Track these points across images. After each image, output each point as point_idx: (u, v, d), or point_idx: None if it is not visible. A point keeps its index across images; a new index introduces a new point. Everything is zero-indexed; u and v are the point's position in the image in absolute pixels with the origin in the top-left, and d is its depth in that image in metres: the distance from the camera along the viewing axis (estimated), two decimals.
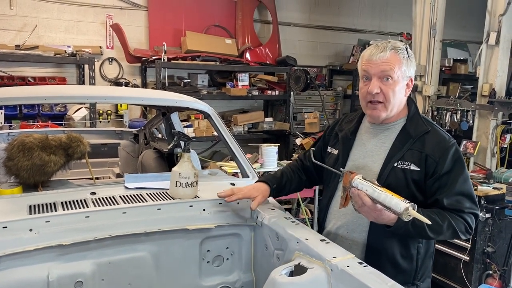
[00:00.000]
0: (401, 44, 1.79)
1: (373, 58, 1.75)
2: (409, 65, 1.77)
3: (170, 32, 6.12)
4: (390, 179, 1.75)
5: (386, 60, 1.73)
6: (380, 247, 1.78)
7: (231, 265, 2.12)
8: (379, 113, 1.79)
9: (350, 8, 7.72)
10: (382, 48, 1.75)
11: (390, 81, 1.74)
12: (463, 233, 1.71)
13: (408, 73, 1.78)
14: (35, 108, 5.14)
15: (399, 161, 1.76)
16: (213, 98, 6.00)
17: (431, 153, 1.74)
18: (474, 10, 7.74)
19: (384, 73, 1.74)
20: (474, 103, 4.68)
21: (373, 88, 1.75)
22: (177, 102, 2.55)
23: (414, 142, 1.77)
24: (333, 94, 7.23)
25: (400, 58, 1.75)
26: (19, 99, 2.48)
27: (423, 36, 5.18)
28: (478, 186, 3.58)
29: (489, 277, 3.59)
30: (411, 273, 1.80)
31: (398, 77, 1.75)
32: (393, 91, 1.75)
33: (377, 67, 1.74)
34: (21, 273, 1.69)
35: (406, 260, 1.79)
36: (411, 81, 1.82)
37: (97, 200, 1.99)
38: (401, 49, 1.76)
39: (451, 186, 1.71)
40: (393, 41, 1.82)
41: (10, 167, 2.16)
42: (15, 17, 5.34)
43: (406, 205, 1.51)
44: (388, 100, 1.76)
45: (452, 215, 1.69)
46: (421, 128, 1.79)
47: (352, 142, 1.93)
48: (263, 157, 4.31)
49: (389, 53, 1.74)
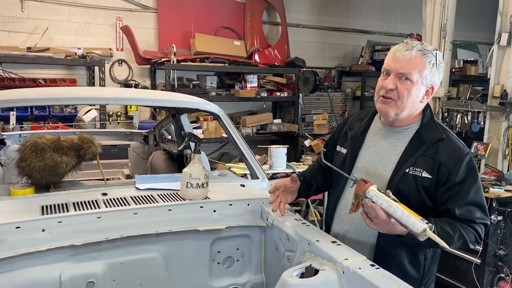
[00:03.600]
0: (431, 49, 1.72)
1: (397, 54, 1.70)
2: (433, 72, 1.71)
3: (179, 34, 6.15)
4: (401, 185, 1.72)
5: (409, 60, 1.68)
6: (388, 252, 1.76)
7: (242, 267, 2.12)
8: (388, 109, 1.74)
9: (359, 9, 7.70)
10: (409, 46, 1.69)
11: (408, 82, 1.69)
12: (472, 243, 1.69)
13: (430, 80, 1.71)
14: (45, 110, 5.19)
15: (411, 167, 1.72)
16: (222, 99, 6.01)
17: (445, 161, 1.69)
18: (484, 11, 7.69)
19: (403, 72, 1.69)
20: (485, 105, 4.64)
21: (388, 84, 1.71)
22: (187, 103, 2.56)
23: (427, 149, 1.72)
24: (342, 96, 7.22)
25: (424, 62, 1.69)
26: (31, 100, 2.50)
27: (433, 37, 5.15)
28: (489, 189, 3.54)
29: (501, 280, 3.55)
30: (418, 279, 1.78)
31: (417, 80, 1.69)
32: (408, 91, 1.69)
33: (398, 64, 1.69)
34: (34, 273, 1.70)
35: (413, 266, 1.77)
36: (432, 89, 1.74)
37: (109, 201, 2.00)
38: (429, 53, 1.70)
39: (463, 196, 1.68)
40: (426, 43, 1.76)
41: (22, 168, 2.18)
42: (26, 19, 5.40)
43: (423, 226, 1.48)
44: (401, 99, 1.71)
45: (463, 225, 1.67)
46: (436, 135, 1.74)
47: (361, 142, 1.88)
48: (272, 159, 4.30)
49: (415, 53, 1.68)
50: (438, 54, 1.74)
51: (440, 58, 1.73)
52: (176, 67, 5.66)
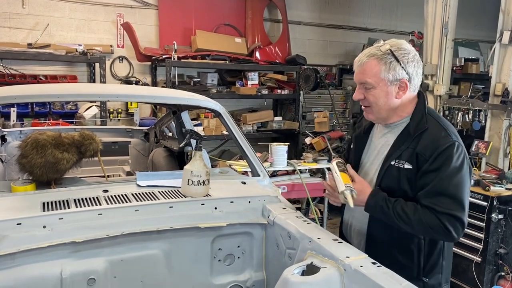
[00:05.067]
0: (384, 49, 1.73)
1: (354, 67, 1.81)
2: (394, 69, 1.72)
3: (180, 31, 6.13)
4: (386, 177, 1.80)
5: (362, 70, 1.76)
6: (379, 239, 1.83)
7: (243, 264, 2.12)
8: (368, 116, 1.86)
9: (361, 7, 7.68)
10: (362, 56, 1.77)
11: (370, 89, 1.76)
12: (439, 233, 1.68)
13: (394, 76, 1.73)
14: (46, 106, 5.18)
15: (396, 159, 1.78)
16: (223, 97, 6.00)
17: (422, 150, 1.72)
18: (485, 9, 7.67)
19: (362, 82, 1.78)
20: (486, 103, 4.63)
21: (355, 96, 1.84)
22: (189, 100, 2.55)
23: (412, 141, 1.76)
24: (343, 93, 7.19)
25: (378, 65, 1.72)
26: (32, 96, 2.49)
27: (435, 35, 5.14)
28: (490, 187, 3.55)
29: (501, 278, 3.55)
30: (414, 268, 1.80)
31: (378, 83, 1.74)
32: (374, 97, 1.77)
33: (356, 76, 1.80)
34: (35, 270, 1.70)
35: (404, 255, 1.80)
36: (404, 83, 1.75)
37: (110, 198, 2.00)
38: (383, 55, 1.72)
39: (435, 185, 1.69)
40: (388, 42, 1.76)
41: (23, 164, 2.18)
42: (27, 16, 5.38)
43: (342, 188, 1.73)
44: (373, 105, 1.79)
45: (426, 211, 1.68)
46: (420, 126, 1.77)
47: (365, 141, 1.97)
48: (273, 156, 4.29)
49: (366, 62, 1.75)
50: (398, 50, 1.73)
51: (401, 53, 1.72)
52: (176, 64, 5.65)
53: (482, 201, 3.51)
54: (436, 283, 1.85)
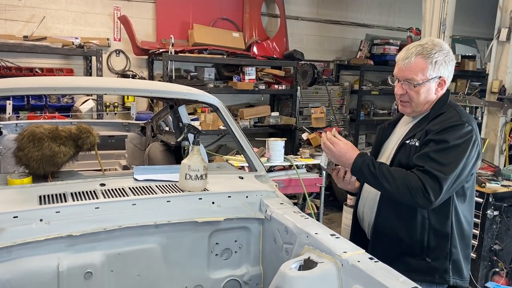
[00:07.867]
0: (434, 47, 1.83)
1: (399, 64, 1.88)
2: (438, 67, 1.83)
3: (177, 24, 6.10)
4: (399, 154, 1.89)
5: (409, 67, 1.84)
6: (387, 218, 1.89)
7: (240, 258, 2.12)
8: (405, 110, 1.94)
9: (358, 3, 7.66)
10: (409, 54, 1.84)
11: (414, 85, 1.84)
12: (415, 190, 1.69)
13: (436, 74, 1.84)
14: (42, 99, 5.15)
15: (410, 138, 1.88)
16: (220, 91, 5.98)
17: (432, 128, 1.81)
18: (482, 6, 7.68)
19: (407, 78, 1.86)
20: (483, 100, 4.65)
21: (397, 91, 1.91)
22: (186, 95, 2.55)
23: (428, 123, 1.86)
24: (340, 89, 7.19)
25: (425, 63, 1.82)
26: (29, 89, 2.48)
27: (433, 31, 5.13)
28: (486, 184, 3.56)
29: (496, 274, 3.58)
30: (417, 246, 1.83)
31: (422, 80, 1.84)
32: (417, 93, 1.86)
33: (401, 72, 1.87)
34: (31, 263, 1.70)
35: (408, 232, 1.85)
36: (443, 80, 1.87)
37: (107, 192, 1.99)
38: (429, 54, 1.82)
39: (429, 151, 1.76)
40: (429, 41, 1.85)
41: (20, 157, 2.16)
42: (23, 8, 5.33)
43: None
44: (413, 100, 1.88)
45: (412, 174, 1.74)
46: (438, 111, 1.87)
47: (389, 132, 2.06)
48: (270, 151, 4.30)
49: (414, 59, 1.83)
50: (441, 50, 1.84)
51: (443, 53, 1.84)
52: (174, 58, 5.62)
53: (477, 197, 3.53)
54: (441, 268, 1.85)
